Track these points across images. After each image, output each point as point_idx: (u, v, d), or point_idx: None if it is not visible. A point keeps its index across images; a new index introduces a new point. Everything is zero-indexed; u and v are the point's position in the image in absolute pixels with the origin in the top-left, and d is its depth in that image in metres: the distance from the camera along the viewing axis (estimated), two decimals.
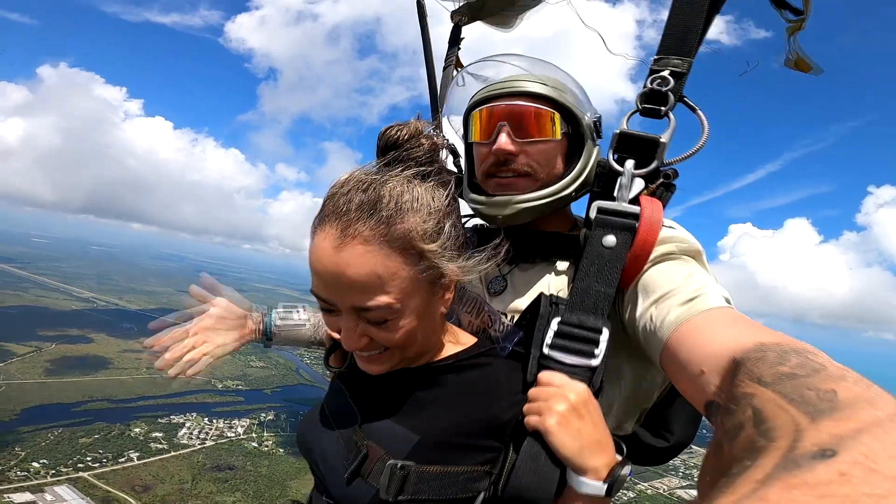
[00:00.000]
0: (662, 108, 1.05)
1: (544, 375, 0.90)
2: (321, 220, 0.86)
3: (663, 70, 1.06)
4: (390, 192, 0.85)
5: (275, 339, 1.42)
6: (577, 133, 1.18)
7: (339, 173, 0.91)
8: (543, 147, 1.14)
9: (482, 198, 1.20)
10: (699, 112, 1.07)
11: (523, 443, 0.86)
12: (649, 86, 1.07)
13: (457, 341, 1.03)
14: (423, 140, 0.94)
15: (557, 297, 0.99)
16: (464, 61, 1.76)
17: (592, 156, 1.19)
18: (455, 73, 1.68)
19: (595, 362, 0.90)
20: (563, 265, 1.17)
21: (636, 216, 0.96)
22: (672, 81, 1.05)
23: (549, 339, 0.93)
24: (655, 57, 1.08)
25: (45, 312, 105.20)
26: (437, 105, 1.72)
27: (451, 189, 0.94)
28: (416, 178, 0.90)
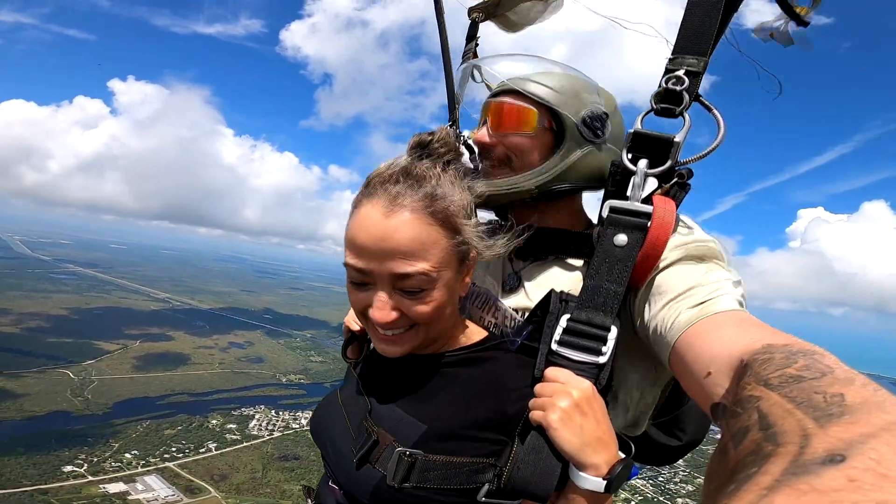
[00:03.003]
0: (677, 108, 1.04)
1: (550, 371, 0.93)
2: (368, 193, 0.95)
3: (678, 69, 1.04)
4: (432, 174, 0.97)
5: None
6: (561, 129, 1.19)
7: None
8: (518, 140, 1.19)
9: None
10: (715, 111, 1.06)
11: (527, 437, 0.90)
12: (664, 85, 1.05)
13: (468, 334, 1.09)
14: (449, 142, 1.04)
15: (568, 294, 1.02)
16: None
17: (576, 152, 1.18)
18: (471, 60, 1.72)
19: (602, 360, 0.92)
20: (576, 262, 1.19)
21: (648, 215, 0.97)
22: (687, 81, 1.03)
23: (557, 335, 0.96)
24: (670, 56, 1.07)
25: (128, 313, 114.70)
26: (454, 100, 1.72)
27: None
28: (448, 168, 1.02)
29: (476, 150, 1.30)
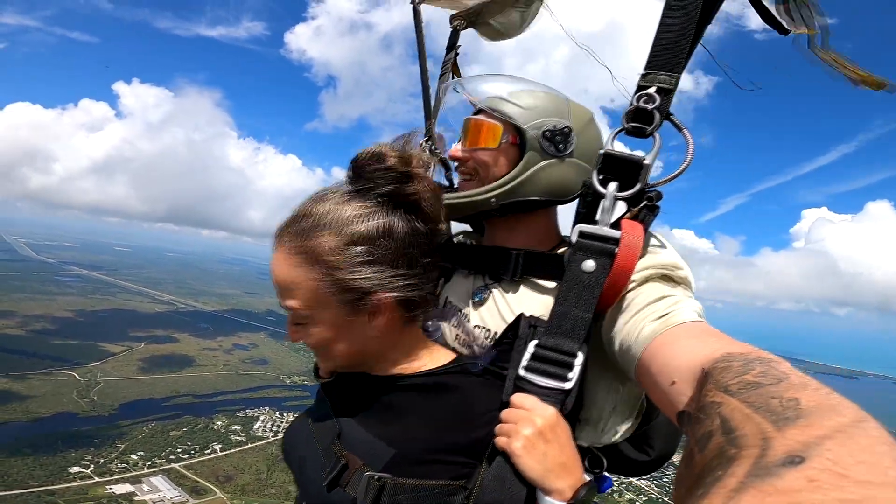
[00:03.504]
0: (648, 128, 1.02)
1: (516, 398, 0.95)
2: None
3: (650, 86, 1.02)
4: (317, 209, 0.98)
5: None
6: (524, 144, 1.21)
7: None
8: (483, 155, 1.24)
9: None
10: (685, 131, 1.04)
11: (493, 462, 0.92)
12: (635, 103, 1.03)
13: (433, 356, 1.09)
14: (392, 160, 1.00)
15: (537, 319, 1.03)
16: (461, 68, 1.80)
17: (535, 166, 1.20)
18: (451, 79, 1.73)
19: (568, 385, 0.93)
20: (547, 284, 1.19)
21: (616, 241, 0.97)
22: (658, 99, 1.01)
23: (525, 361, 0.97)
24: (643, 72, 1.04)
25: (133, 315, 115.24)
26: (429, 111, 1.73)
27: (396, 209, 1.01)
28: (353, 196, 1.00)
29: (452, 166, 1.37)
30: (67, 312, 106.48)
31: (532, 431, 0.89)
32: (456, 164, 1.32)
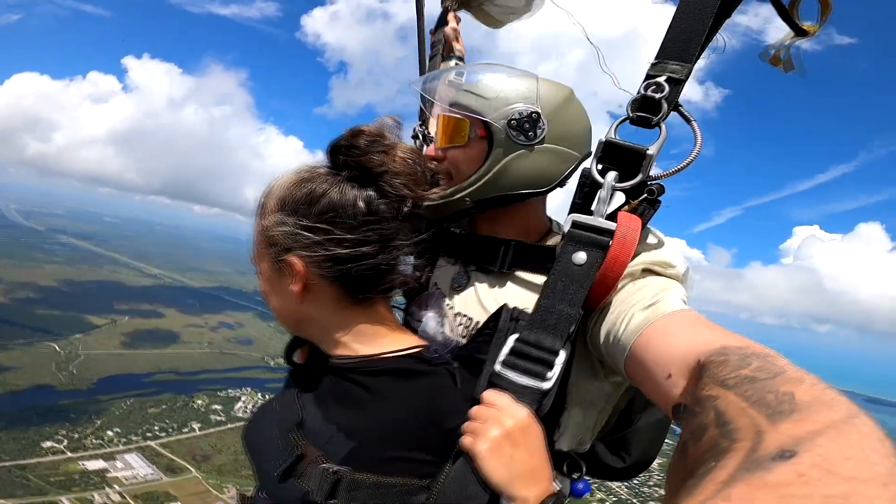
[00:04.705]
0: (654, 118, 0.98)
1: (488, 395, 0.89)
2: None
3: (660, 75, 0.99)
4: (276, 186, 1.03)
5: None
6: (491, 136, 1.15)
7: None
8: (454, 152, 1.19)
9: None
10: (694, 123, 1.00)
11: (457, 462, 0.86)
12: (642, 92, 1.00)
13: (395, 343, 1.02)
14: (360, 137, 1.00)
15: (520, 312, 0.97)
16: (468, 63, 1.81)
17: (504, 159, 1.13)
18: (441, 60, 1.78)
19: (546, 385, 0.88)
20: (537, 279, 1.11)
21: (611, 233, 0.92)
22: (667, 88, 0.97)
23: (502, 355, 0.92)
24: (653, 61, 1.01)
25: (119, 287, 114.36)
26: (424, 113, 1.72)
27: (348, 187, 0.98)
28: (318, 166, 1.04)
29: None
30: (53, 281, 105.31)
31: (499, 433, 0.83)
32: (434, 164, 1.25)
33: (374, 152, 0.98)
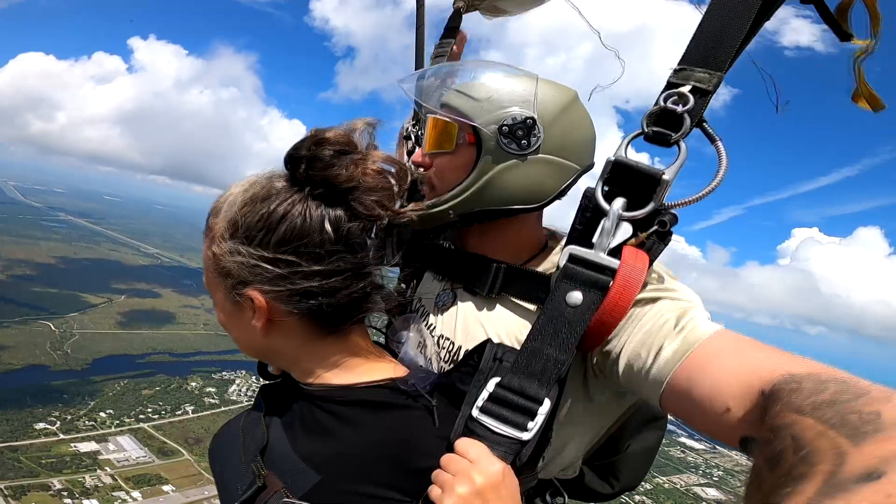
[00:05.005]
0: (673, 135, 0.86)
1: (461, 444, 0.81)
2: None
3: (683, 84, 0.85)
4: (235, 188, 0.91)
5: None
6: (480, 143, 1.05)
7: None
8: (441, 159, 1.10)
9: None
10: (719, 143, 0.86)
11: None
12: (662, 104, 0.86)
13: (370, 372, 0.93)
14: (326, 152, 0.86)
15: (506, 350, 0.88)
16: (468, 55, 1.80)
17: (494, 169, 1.03)
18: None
19: (526, 436, 0.81)
20: (529, 306, 1.03)
21: (613, 272, 0.83)
22: (692, 100, 0.84)
23: (481, 400, 0.84)
24: (676, 67, 0.87)
25: (116, 266, 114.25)
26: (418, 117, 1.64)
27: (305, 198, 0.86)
28: (275, 179, 0.89)
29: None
30: (50, 258, 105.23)
31: (468, 491, 0.76)
32: (421, 170, 1.15)
33: (342, 165, 0.85)
